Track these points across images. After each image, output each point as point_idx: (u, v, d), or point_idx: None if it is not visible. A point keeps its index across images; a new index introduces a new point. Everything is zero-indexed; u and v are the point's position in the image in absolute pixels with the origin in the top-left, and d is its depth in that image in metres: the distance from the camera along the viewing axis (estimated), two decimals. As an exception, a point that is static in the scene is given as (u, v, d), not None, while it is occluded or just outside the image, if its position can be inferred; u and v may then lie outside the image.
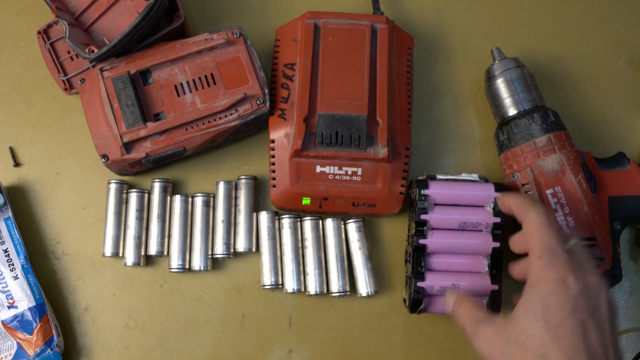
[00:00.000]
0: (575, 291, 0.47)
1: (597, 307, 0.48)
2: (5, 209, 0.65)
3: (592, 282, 0.49)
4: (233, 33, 0.65)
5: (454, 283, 0.61)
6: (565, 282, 0.48)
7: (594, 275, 0.49)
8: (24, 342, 0.63)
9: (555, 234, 0.51)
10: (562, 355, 0.45)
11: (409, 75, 0.68)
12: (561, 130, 0.63)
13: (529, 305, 0.48)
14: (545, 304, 0.47)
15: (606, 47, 0.73)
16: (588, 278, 0.49)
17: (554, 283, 0.48)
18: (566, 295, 0.47)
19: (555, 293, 0.47)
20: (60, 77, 0.68)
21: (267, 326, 0.66)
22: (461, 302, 0.55)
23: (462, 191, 0.61)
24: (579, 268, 0.49)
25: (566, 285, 0.47)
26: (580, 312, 0.47)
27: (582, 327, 0.46)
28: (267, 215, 0.66)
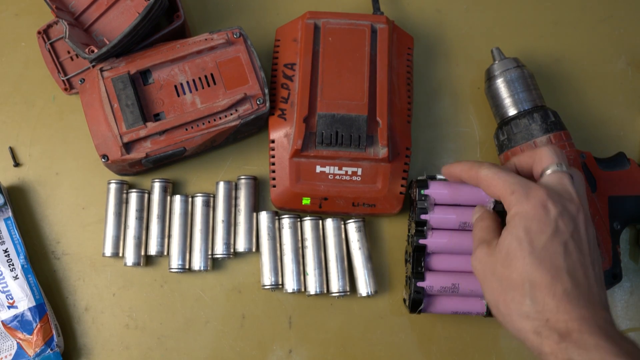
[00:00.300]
0: (554, 214, 0.49)
1: (576, 228, 0.49)
2: (5, 209, 0.65)
3: (568, 205, 0.50)
4: (233, 33, 0.65)
5: (454, 283, 0.61)
6: (545, 206, 0.49)
7: (570, 201, 0.50)
8: (24, 342, 0.63)
9: (514, 174, 0.52)
10: (545, 275, 0.47)
11: (409, 75, 0.68)
12: (561, 130, 0.63)
13: (513, 230, 0.50)
14: (527, 228, 0.49)
15: (606, 47, 0.73)
16: (565, 200, 0.50)
17: (534, 208, 0.49)
18: (547, 218, 0.49)
19: (537, 217, 0.49)
20: (60, 77, 0.68)
21: (267, 326, 0.66)
22: (484, 218, 0.56)
23: (461, 191, 0.61)
24: (555, 194, 0.50)
25: (546, 209, 0.49)
26: (561, 234, 0.48)
27: (564, 248, 0.48)
28: (267, 215, 0.66)
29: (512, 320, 0.49)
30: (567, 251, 0.48)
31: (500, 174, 0.52)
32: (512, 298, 0.48)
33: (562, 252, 0.48)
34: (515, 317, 0.48)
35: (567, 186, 0.51)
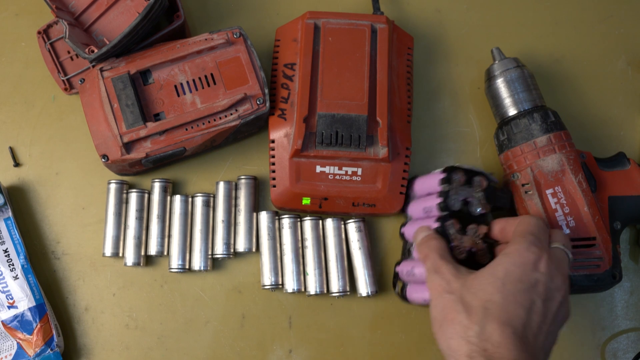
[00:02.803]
0: (539, 275, 0.51)
1: (551, 299, 0.51)
2: (5, 209, 0.65)
3: (559, 278, 0.52)
4: (233, 33, 0.65)
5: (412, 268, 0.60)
6: (536, 265, 0.51)
7: (563, 276, 0.53)
8: (24, 342, 0.63)
9: (546, 233, 0.55)
10: (502, 314, 0.49)
11: (409, 75, 0.68)
12: (561, 130, 0.63)
13: (496, 267, 0.52)
14: (509, 272, 0.51)
15: (606, 47, 0.73)
16: (557, 273, 0.52)
17: (526, 260, 0.51)
18: (531, 274, 0.51)
19: (523, 268, 0.51)
20: (60, 77, 0.68)
21: (267, 326, 0.66)
22: (435, 237, 0.57)
23: (422, 182, 0.64)
24: (555, 263, 0.52)
25: (535, 267, 0.51)
26: (535, 293, 0.50)
27: (530, 305, 0.50)
28: (267, 215, 0.66)
29: (450, 339, 0.50)
30: (532, 309, 0.50)
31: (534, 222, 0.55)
32: (461, 320, 0.50)
33: (528, 307, 0.50)
34: (456, 338, 0.50)
35: (565, 266, 0.54)
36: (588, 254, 0.61)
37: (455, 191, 0.60)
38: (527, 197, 0.62)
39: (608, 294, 0.67)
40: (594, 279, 0.61)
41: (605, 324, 0.67)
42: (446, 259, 0.55)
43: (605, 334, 0.67)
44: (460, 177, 0.60)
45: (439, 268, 0.54)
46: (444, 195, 0.60)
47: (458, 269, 0.54)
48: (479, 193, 0.60)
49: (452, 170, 0.60)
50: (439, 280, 0.54)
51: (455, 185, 0.60)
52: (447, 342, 0.51)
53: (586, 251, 0.61)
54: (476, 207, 0.59)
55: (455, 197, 0.59)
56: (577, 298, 0.67)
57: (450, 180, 0.60)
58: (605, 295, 0.68)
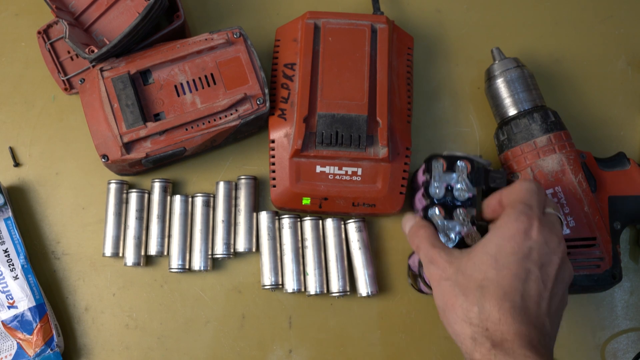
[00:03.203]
0: (532, 243, 0.50)
1: (548, 263, 0.50)
2: (5, 209, 0.65)
3: (553, 241, 0.51)
4: (233, 33, 0.65)
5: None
6: (527, 233, 0.51)
7: (558, 238, 0.52)
8: (24, 342, 0.63)
9: (539, 197, 0.53)
10: (498, 290, 0.49)
11: (409, 75, 0.68)
12: (561, 130, 0.63)
13: (487, 244, 0.51)
14: (500, 246, 0.50)
15: (606, 47, 0.73)
16: (551, 237, 0.51)
17: (516, 230, 0.51)
18: (523, 244, 0.50)
19: (514, 239, 0.50)
20: (60, 77, 0.68)
21: (267, 326, 0.66)
22: (422, 226, 0.57)
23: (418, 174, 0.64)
24: (548, 227, 0.52)
25: (527, 236, 0.50)
26: (530, 261, 0.50)
27: (525, 274, 0.49)
28: (267, 215, 0.66)
29: (454, 324, 0.51)
30: (529, 277, 0.50)
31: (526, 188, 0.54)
32: (461, 303, 0.50)
33: (524, 277, 0.49)
34: (459, 322, 0.50)
35: (558, 227, 0.53)
36: (588, 254, 0.61)
37: (437, 179, 0.60)
38: (527, 197, 0.62)
39: (608, 294, 0.67)
40: (594, 279, 0.61)
41: (605, 324, 0.67)
42: (437, 246, 0.55)
43: (605, 334, 0.67)
44: (441, 164, 0.60)
45: (432, 257, 0.54)
46: (425, 185, 0.60)
47: (450, 254, 0.53)
48: (463, 177, 0.60)
49: (431, 158, 0.61)
50: (434, 269, 0.53)
51: (436, 173, 0.60)
52: (452, 327, 0.51)
53: (586, 251, 0.61)
54: (460, 192, 0.60)
55: (436, 185, 0.60)
56: (577, 298, 0.67)
57: (430, 169, 0.60)
58: (605, 295, 0.68)
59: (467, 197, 0.60)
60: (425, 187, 0.60)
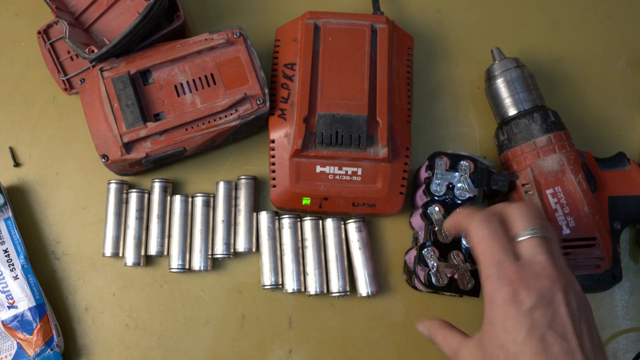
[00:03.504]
0: (528, 306, 0.45)
1: (555, 315, 0.46)
2: (5, 209, 0.65)
3: (544, 286, 0.46)
4: (233, 33, 0.65)
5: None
6: (516, 299, 0.46)
7: (546, 277, 0.47)
8: (24, 342, 0.63)
9: (498, 244, 0.49)
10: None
11: (409, 75, 0.68)
12: (561, 130, 0.63)
13: (490, 330, 0.47)
14: (503, 329, 0.46)
15: (606, 47, 0.73)
16: (539, 284, 0.46)
17: (506, 304, 0.46)
18: (520, 314, 0.45)
19: (510, 315, 0.46)
20: (60, 77, 0.68)
21: (267, 326, 0.66)
22: (435, 332, 0.55)
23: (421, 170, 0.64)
24: (529, 275, 0.47)
25: (518, 302, 0.46)
26: (538, 327, 0.45)
27: (542, 344, 0.45)
28: (267, 215, 0.66)
29: None
30: (547, 345, 0.45)
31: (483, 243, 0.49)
32: None
33: (542, 349, 0.44)
34: None
35: (539, 258, 0.48)
36: (588, 254, 0.61)
37: (439, 176, 0.60)
38: (527, 197, 0.62)
39: (608, 294, 0.67)
40: (594, 279, 0.61)
41: (605, 324, 0.67)
42: (455, 348, 0.52)
43: (605, 334, 0.67)
44: (444, 162, 0.60)
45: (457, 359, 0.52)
46: (426, 182, 0.60)
47: (470, 350, 0.50)
48: (465, 177, 0.60)
49: (435, 156, 0.61)
50: None
51: (439, 171, 0.60)
52: None
53: (586, 251, 0.61)
54: (461, 191, 0.60)
55: (438, 183, 0.60)
56: (577, 298, 0.67)
57: (432, 166, 0.60)
58: (605, 295, 0.67)
59: (467, 197, 0.60)
60: (427, 183, 0.60)
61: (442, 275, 0.58)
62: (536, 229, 0.49)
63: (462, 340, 0.52)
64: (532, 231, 0.49)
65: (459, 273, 0.58)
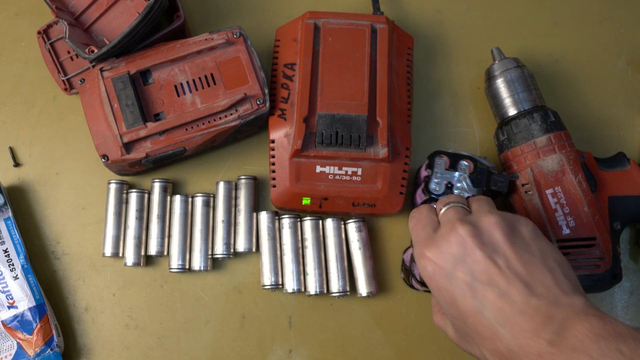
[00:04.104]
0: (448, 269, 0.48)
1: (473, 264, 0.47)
2: (5, 209, 0.65)
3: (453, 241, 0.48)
4: (233, 33, 0.65)
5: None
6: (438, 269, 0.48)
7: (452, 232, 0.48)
8: (24, 342, 0.63)
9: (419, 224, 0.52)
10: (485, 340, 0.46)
11: (409, 75, 0.68)
12: (561, 130, 0.63)
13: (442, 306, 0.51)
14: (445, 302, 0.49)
15: (606, 47, 0.73)
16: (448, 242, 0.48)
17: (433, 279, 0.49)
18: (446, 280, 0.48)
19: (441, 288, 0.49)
20: (60, 77, 0.68)
21: (267, 326, 0.66)
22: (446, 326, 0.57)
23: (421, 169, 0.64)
24: (438, 241, 0.49)
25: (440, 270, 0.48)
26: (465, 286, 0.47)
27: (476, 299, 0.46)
28: (267, 215, 0.66)
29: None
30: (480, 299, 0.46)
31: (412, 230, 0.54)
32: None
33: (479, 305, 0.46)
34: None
35: (447, 217, 0.51)
36: (588, 254, 0.61)
37: (438, 175, 0.60)
38: (527, 197, 0.62)
39: (608, 294, 0.67)
40: (594, 279, 0.61)
41: (605, 324, 0.67)
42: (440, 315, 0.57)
43: (605, 334, 0.67)
44: (444, 162, 0.60)
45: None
46: (425, 180, 0.60)
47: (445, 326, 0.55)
48: (465, 177, 0.60)
49: (435, 154, 0.61)
50: None
51: (438, 170, 0.60)
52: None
53: (586, 251, 0.61)
54: (460, 190, 0.60)
55: (437, 181, 0.60)
56: (577, 298, 0.67)
57: (432, 165, 0.60)
58: (605, 295, 0.67)
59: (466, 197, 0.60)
60: (426, 182, 0.60)
61: None
62: (449, 203, 0.53)
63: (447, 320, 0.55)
64: (447, 204, 0.53)
65: None
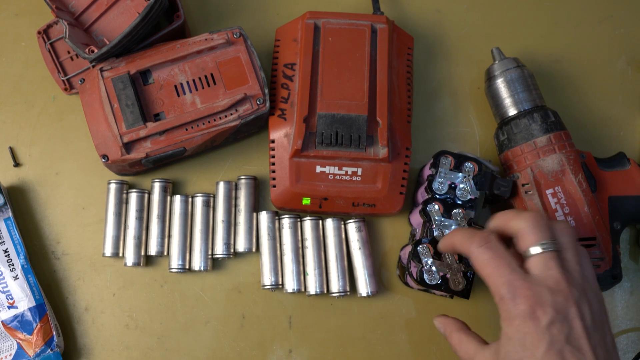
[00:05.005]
0: (545, 322, 0.46)
1: (570, 330, 0.46)
2: (5, 209, 0.65)
3: (559, 302, 0.47)
4: (233, 33, 0.65)
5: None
6: (534, 316, 0.46)
7: (559, 292, 0.47)
8: (24, 342, 0.63)
9: (504, 263, 0.49)
10: None
11: (409, 75, 0.68)
12: (561, 130, 0.63)
13: (508, 345, 0.48)
14: (522, 345, 0.47)
15: (606, 47, 0.73)
16: (554, 300, 0.47)
17: (524, 321, 0.47)
18: (539, 330, 0.46)
19: (528, 332, 0.46)
20: (60, 77, 0.68)
21: (267, 326, 0.66)
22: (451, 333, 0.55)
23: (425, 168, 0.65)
24: (543, 291, 0.47)
25: (536, 319, 0.46)
26: (556, 343, 0.46)
27: (561, 358, 0.46)
28: (267, 215, 0.66)
29: None
30: (564, 359, 0.46)
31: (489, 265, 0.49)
32: None
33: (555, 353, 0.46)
34: None
35: (553, 273, 0.48)
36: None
37: (442, 175, 0.60)
38: (527, 197, 0.62)
39: (608, 294, 0.67)
40: (594, 279, 0.61)
41: (605, 324, 0.67)
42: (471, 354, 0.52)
43: (605, 334, 0.67)
44: (449, 162, 0.60)
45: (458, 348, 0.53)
46: (429, 179, 0.60)
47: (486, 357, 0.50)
48: (468, 179, 0.60)
49: (440, 154, 0.61)
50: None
51: (442, 170, 0.60)
52: None
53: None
54: (463, 192, 0.60)
55: (440, 181, 0.60)
56: (577, 298, 0.67)
57: (437, 164, 0.60)
58: (605, 295, 0.67)
59: (468, 199, 0.60)
60: (429, 181, 0.60)
61: (435, 273, 0.58)
62: (547, 244, 0.49)
63: (478, 348, 0.52)
64: (543, 246, 0.49)
65: (452, 273, 0.58)
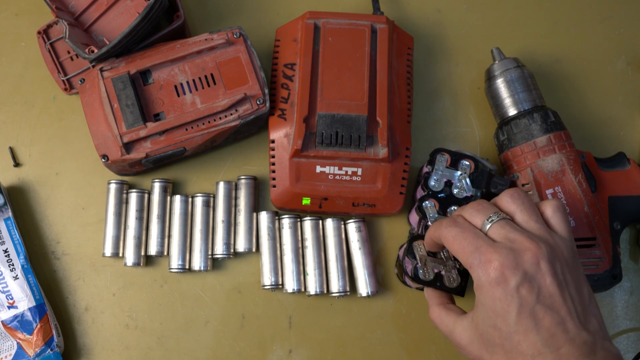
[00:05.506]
0: (513, 284, 0.46)
1: (540, 288, 0.46)
2: (5, 209, 0.65)
3: (526, 261, 0.46)
4: (233, 33, 0.65)
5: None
6: (502, 279, 0.46)
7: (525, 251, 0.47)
8: (24, 342, 0.63)
9: (470, 233, 0.49)
10: (525, 357, 0.46)
11: (409, 75, 0.68)
12: (561, 130, 0.63)
13: (482, 312, 0.48)
14: (494, 311, 0.47)
15: (606, 47, 0.73)
16: (522, 258, 0.46)
17: (492, 286, 0.47)
18: (508, 294, 0.46)
19: (498, 297, 0.46)
20: (60, 77, 0.68)
21: (267, 326, 0.66)
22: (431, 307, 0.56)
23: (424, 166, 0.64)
24: (509, 253, 0.47)
25: (504, 282, 0.46)
26: (526, 304, 0.46)
27: (533, 320, 0.46)
28: (267, 215, 0.66)
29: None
30: (537, 320, 0.46)
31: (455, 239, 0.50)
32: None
33: (533, 325, 0.46)
34: None
35: (513, 236, 0.48)
36: (588, 254, 0.61)
37: (438, 172, 0.60)
38: (527, 197, 0.62)
39: (608, 294, 0.67)
40: (594, 279, 0.61)
41: (606, 324, 0.67)
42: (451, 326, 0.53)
43: (605, 334, 0.67)
44: (445, 159, 0.61)
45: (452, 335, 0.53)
46: (425, 176, 0.61)
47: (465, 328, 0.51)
48: (465, 176, 0.60)
49: (437, 151, 0.61)
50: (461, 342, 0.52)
51: (439, 167, 0.60)
52: None
53: (586, 251, 0.61)
54: (459, 190, 0.60)
55: (436, 178, 0.60)
56: (577, 298, 0.67)
57: (433, 161, 0.61)
58: (605, 295, 0.68)
59: (464, 197, 0.60)
60: (426, 178, 0.60)
61: (429, 270, 0.58)
62: (491, 216, 0.50)
63: (457, 319, 0.52)
64: (490, 219, 0.50)
65: (446, 270, 0.58)
